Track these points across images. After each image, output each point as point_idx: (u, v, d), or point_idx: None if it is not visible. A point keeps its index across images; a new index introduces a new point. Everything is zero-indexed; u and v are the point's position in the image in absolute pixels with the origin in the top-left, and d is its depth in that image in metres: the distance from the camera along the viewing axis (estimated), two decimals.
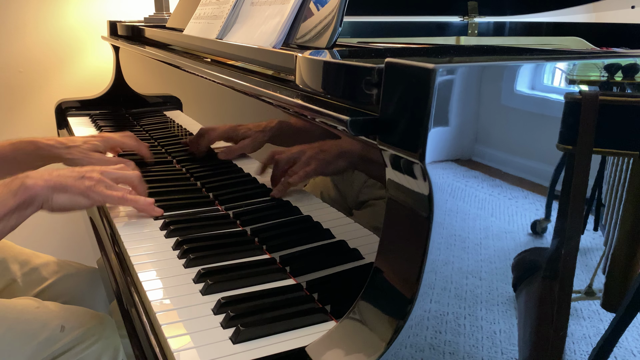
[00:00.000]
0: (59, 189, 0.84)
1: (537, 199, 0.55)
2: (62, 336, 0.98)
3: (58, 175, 0.85)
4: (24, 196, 0.81)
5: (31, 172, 0.84)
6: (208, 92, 1.11)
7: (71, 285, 1.21)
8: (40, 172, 0.85)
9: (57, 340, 0.97)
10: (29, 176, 0.83)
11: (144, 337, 0.66)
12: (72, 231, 2.07)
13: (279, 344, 0.61)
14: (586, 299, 0.60)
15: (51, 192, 0.83)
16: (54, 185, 0.83)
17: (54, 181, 0.83)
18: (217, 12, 1.11)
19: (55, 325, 0.98)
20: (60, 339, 0.97)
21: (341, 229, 0.71)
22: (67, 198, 0.85)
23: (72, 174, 0.86)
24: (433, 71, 0.46)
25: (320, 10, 0.82)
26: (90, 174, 0.88)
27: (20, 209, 0.81)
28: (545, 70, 0.53)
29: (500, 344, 0.56)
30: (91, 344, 1.00)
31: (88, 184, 0.86)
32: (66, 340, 0.98)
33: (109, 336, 1.03)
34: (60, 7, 1.92)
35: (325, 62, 0.63)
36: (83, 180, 0.86)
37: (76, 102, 1.80)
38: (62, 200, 0.84)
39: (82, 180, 0.86)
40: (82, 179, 0.86)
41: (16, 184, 0.82)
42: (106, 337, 1.02)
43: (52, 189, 0.83)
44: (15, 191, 0.81)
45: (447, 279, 0.52)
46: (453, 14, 1.64)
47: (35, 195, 0.82)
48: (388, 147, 0.52)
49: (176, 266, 0.79)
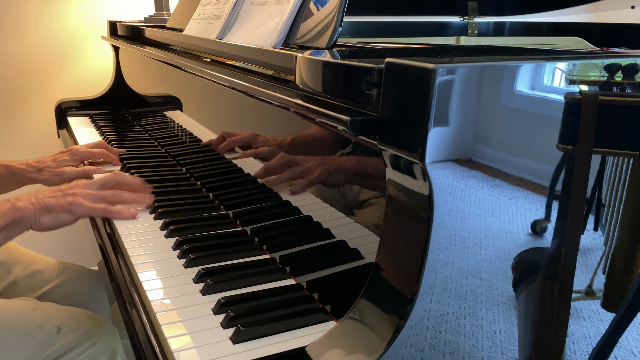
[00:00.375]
0: (44, 210, 0.88)
1: (537, 199, 0.55)
2: (58, 338, 0.97)
3: (43, 197, 0.89)
4: (14, 217, 0.86)
5: (21, 195, 0.89)
6: (208, 92, 1.11)
7: (73, 288, 1.21)
8: (29, 196, 0.89)
9: (53, 342, 0.97)
10: (20, 199, 0.88)
11: (144, 337, 0.66)
12: (73, 232, 2.07)
13: (279, 344, 0.61)
14: (586, 299, 0.60)
15: (38, 214, 0.88)
16: (39, 208, 0.88)
17: (39, 203, 0.88)
18: (217, 12, 1.11)
19: (51, 327, 0.98)
20: (56, 341, 0.97)
21: (341, 228, 0.71)
22: (52, 217, 0.89)
23: (54, 193, 0.91)
24: (433, 71, 0.46)
25: (320, 10, 0.82)
26: (72, 190, 0.92)
27: (8, 229, 0.86)
28: (545, 70, 0.53)
29: (500, 344, 0.56)
30: (88, 347, 0.99)
31: (70, 199, 0.90)
32: (62, 342, 0.97)
33: (106, 339, 1.02)
34: (60, 7, 1.93)
35: (325, 62, 0.63)
36: (65, 197, 0.90)
37: (76, 102, 1.80)
38: (48, 221, 0.89)
39: (64, 198, 0.90)
40: (64, 197, 0.90)
41: (7, 205, 0.86)
42: (103, 340, 1.02)
43: (38, 211, 0.88)
44: (5, 212, 0.85)
45: (447, 279, 0.52)
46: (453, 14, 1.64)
47: (23, 217, 0.87)
48: (388, 147, 0.52)
49: (176, 266, 0.79)
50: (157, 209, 0.96)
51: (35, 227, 0.89)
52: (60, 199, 0.89)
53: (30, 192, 0.91)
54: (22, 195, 0.89)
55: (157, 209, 0.96)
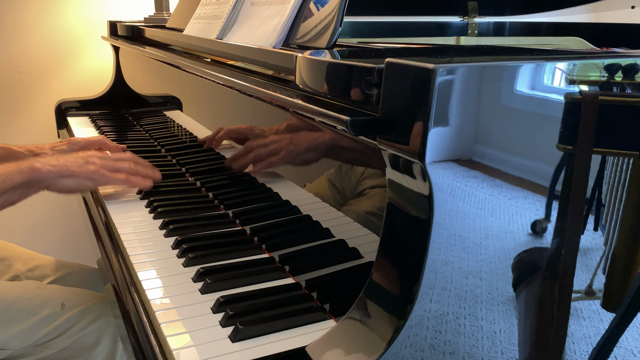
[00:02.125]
0: (66, 174, 0.92)
1: (537, 199, 0.55)
2: (62, 313, 1.02)
3: (65, 162, 0.93)
4: (30, 176, 0.88)
5: (40, 157, 0.93)
6: (208, 92, 1.11)
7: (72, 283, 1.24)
8: (48, 158, 0.93)
9: (57, 317, 1.01)
10: (39, 160, 0.91)
11: (143, 336, 0.66)
12: (72, 232, 2.07)
13: (277, 342, 0.61)
14: (586, 299, 0.60)
15: (58, 177, 0.91)
16: (60, 171, 0.91)
17: (61, 167, 0.92)
18: (217, 12, 1.11)
19: (55, 302, 1.02)
20: (60, 316, 1.01)
21: (340, 228, 0.71)
22: (74, 182, 0.93)
23: (76, 160, 0.95)
24: (433, 71, 0.46)
25: (320, 10, 0.82)
26: (92, 159, 0.97)
27: (24, 187, 0.89)
28: (545, 71, 0.53)
29: (500, 344, 0.56)
30: (91, 322, 1.04)
31: (93, 168, 0.95)
32: (66, 317, 1.02)
33: (108, 314, 1.06)
34: (60, 7, 1.92)
35: (326, 62, 0.63)
36: (87, 165, 0.95)
37: (76, 102, 1.80)
38: (69, 184, 0.93)
39: (87, 166, 0.95)
40: (86, 164, 0.95)
41: (26, 164, 0.89)
42: (106, 315, 1.06)
43: (59, 175, 0.91)
44: (22, 170, 0.88)
45: (447, 279, 0.52)
46: (453, 14, 1.64)
47: (41, 177, 0.90)
48: (388, 147, 0.52)
49: (175, 265, 0.79)
50: (157, 209, 0.96)
51: (54, 188, 0.92)
52: (83, 167, 0.94)
53: (49, 156, 0.96)
54: (41, 157, 0.94)
55: (156, 208, 0.96)
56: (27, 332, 0.99)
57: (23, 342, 0.99)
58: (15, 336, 0.98)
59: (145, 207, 0.99)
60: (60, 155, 0.98)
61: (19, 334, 0.98)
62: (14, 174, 0.87)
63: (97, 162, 0.96)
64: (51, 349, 1.01)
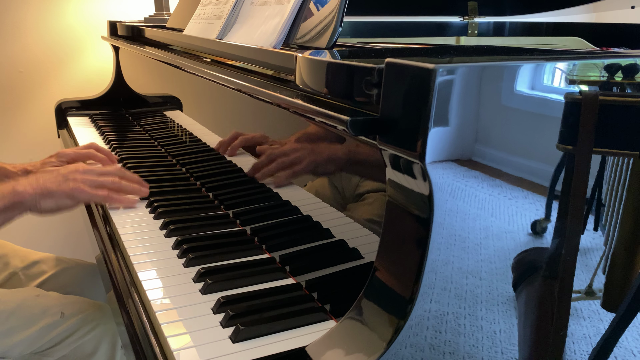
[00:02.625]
0: (45, 194, 0.88)
1: (537, 199, 0.55)
2: (62, 322, 1.03)
3: (44, 181, 0.89)
4: (13, 200, 0.86)
5: (21, 179, 0.90)
6: (208, 92, 1.11)
7: (70, 277, 1.25)
8: (29, 179, 0.90)
9: (57, 326, 1.02)
10: (19, 183, 0.88)
11: (143, 336, 0.66)
12: (71, 231, 2.07)
13: (278, 343, 0.61)
14: (586, 299, 0.60)
15: (38, 198, 0.88)
16: (40, 192, 0.88)
17: (40, 187, 0.88)
18: (217, 12, 1.11)
19: (55, 312, 1.03)
20: (60, 324, 1.02)
21: (341, 228, 0.71)
22: (53, 202, 0.89)
23: (56, 178, 0.91)
24: (433, 71, 0.46)
25: (320, 11, 0.82)
26: (73, 175, 0.92)
27: (6, 211, 0.87)
28: (545, 71, 0.53)
29: (500, 344, 0.56)
30: (90, 330, 1.06)
31: (72, 185, 0.90)
32: (66, 326, 1.03)
33: (107, 322, 1.07)
34: (60, 7, 1.92)
35: (326, 62, 0.63)
36: (67, 182, 0.90)
37: (76, 102, 1.80)
38: (49, 205, 0.89)
39: (66, 183, 0.90)
40: (65, 182, 0.90)
41: (7, 188, 0.87)
42: (104, 323, 1.07)
43: (39, 195, 0.88)
44: (5, 195, 0.86)
45: (447, 279, 0.52)
46: (453, 14, 1.64)
47: (23, 200, 0.87)
48: (388, 147, 0.52)
49: (176, 266, 0.79)
50: (157, 209, 0.96)
51: (35, 210, 0.89)
52: (62, 185, 0.90)
53: (31, 176, 0.92)
54: (22, 179, 0.90)
55: (156, 208, 0.96)
56: (28, 341, 1.00)
57: (23, 350, 1.00)
58: (16, 345, 0.99)
59: (145, 208, 0.99)
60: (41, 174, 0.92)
61: (19, 342, 0.99)
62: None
63: (78, 178, 0.92)
64: (51, 357, 1.02)
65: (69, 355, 1.03)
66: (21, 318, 1.01)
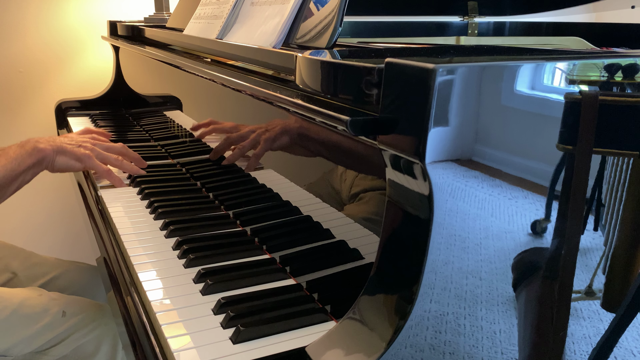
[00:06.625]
0: (61, 152, 1.04)
1: (537, 199, 0.55)
2: (63, 321, 1.04)
3: (61, 142, 1.06)
4: (38, 156, 1.01)
5: (40, 138, 1.04)
6: (208, 92, 1.11)
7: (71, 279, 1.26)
8: (46, 139, 1.05)
9: (58, 325, 1.03)
10: (39, 141, 1.03)
11: (144, 337, 0.66)
12: (72, 232, 2.07)
13: (279, 344, 0.61)
14: (586, 299, 0.60)
15: (55, 155, 1.03)
16: (57, 149, 1.03)
17: (57, 145, 1.04)
18: (217, 12, 1.11)
19: (56, 311, 1.05)
20: (61, 324, 1.04)
21: (341, 229, 0.71)
22: (65, 161, 1.04)
23: (71, 142, 1.07)
24: (433, 71, 0.46)
25: (320, 10, 0.82)
26: (85, 143, 1.09)
27: (34, 167, 1.01)
28: (545, 70, 0.53)
29: (500, 344, 0.56)
30: (91, 330, 1.06)
31: (83, 151, 1.06)
32: (67, 325, 1.04)
33: (108, 323, 1.09)
34: (60, 7, 1.92)
35: (326, 62, 0.63)
36: (80, 147, 1.07)
37: (76, 102, 1.80)
38: (61, 162, 1.04)
39: (79, 148, 1.06)
40: (79, 147, 1.06)
41: (30, 146, 1.01)
42: (105, 324, 1.08)
43: (56, 152, 1.03)
44: (31, 152, 1.00)
45: (447, 279, 0.52)
46: (453, 14, 1.64)
47: (45, 156, 1.02)
48: (388, 147, 0.52)
49: (176, 266, 0.79)
50: (157, 209, 0.96)
51: (50, 167, 1.04)
52: (75, 148, 1.05)
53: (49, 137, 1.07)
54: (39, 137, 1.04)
55: (157, 209, 0.96)
56: (29, 340, 1.01)
57: (24, 349, 1.00)
58: (17, 343, 0.99)
59: (146, 208, 0.99)
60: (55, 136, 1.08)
61: (20, 341, 0.99)
62: (25, 157, 0.99)
63: (89, 147, 1.08)
64: (51, 356, 1.02)
65: (70, 356, 1.04)
66: (22, 316, 1.01)
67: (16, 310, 1.01)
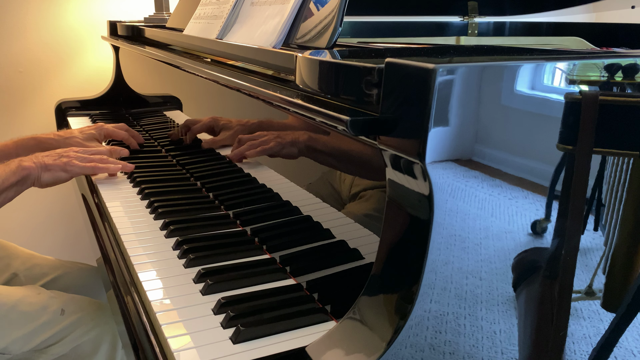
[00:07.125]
0: (44, 168, 1.03)
1: (537, 199, 0.55)
2: (62, 319, 1.05)
3: (43, 157, 1.05)
4: (22, 174, 1.00)
5: (23, 157, 1.04)
6: (208, 92, 1.11)
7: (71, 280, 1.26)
8: (30, 157, 1.04)
9: (56, 323, 1.04)
10: (23, 160, 1.02)
11: (144, 337, 0.66)
12: (72, 232, 2.07)
13: (279, 344, 0.61)
14: (586, 299, 0.60)
15: (39, 172, 1.03)
16: (40, 166, 1.03)
17: (39, 162, 1.03)
18: (217, 12, 1.11)
19: (55, 309, 1.05)
20: (59, 322, 1.04)
21: (341, 229, 0.71)
22: (51, 175, 1.04)
23: (52, 155, 1.07)
24: (433, 71, 0.46)
25: (320, 10, 0.82)
26: (66, 153, 1.09)
27: (18, 184, 1.00)
28: (545, 70, 0.53)
29: (500, 344, 0.56)
30: (90, 329, 1.06)
31: (65, 160, 1.06)
32: (65, 323, 1.04)
33: (107, 322, 1.08)
34: (60, 7, 1.92)
35: (326, 62, 0.63)
36: (61, 158, 1.06)
37: (76, 102, 1.80)
38: (47, 177, 1.04)
39: (60, 159, 1.06)
40: (60, 158, 1.06)
41: (15, 164, 1.00)
42: (105, 323, 1.08)
43: (39, 169, 1.03)
44: (15, 170, 0.99)
45: (447, 279, 0.52)
46: (453, 14, 1.64)
47: (29, 174, 1.01)
48: (388, 147, 0.52)
49: (176, 266, 0.79)
50: (157, 209, 0.96)
51: (37, 183, 1.03)
52: (57, 160, 1.05)
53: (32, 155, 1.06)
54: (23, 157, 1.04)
55: (157, 209, 0.96)
56: (27, 337, 1.01)
57: (22, 347, 1.00)
58: (15, 341, 0.99)
59: (146, 208, 0.99)
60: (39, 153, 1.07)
61: (19, 338, 0.99)
62: (10, 175, 0.98)
63: (71, 155, 1.08)
64: (50, 355, 1.02)
65: (69, 355, 1.03)
66: (20, 313, 1.02)
67: (14, 308, 1.01)
